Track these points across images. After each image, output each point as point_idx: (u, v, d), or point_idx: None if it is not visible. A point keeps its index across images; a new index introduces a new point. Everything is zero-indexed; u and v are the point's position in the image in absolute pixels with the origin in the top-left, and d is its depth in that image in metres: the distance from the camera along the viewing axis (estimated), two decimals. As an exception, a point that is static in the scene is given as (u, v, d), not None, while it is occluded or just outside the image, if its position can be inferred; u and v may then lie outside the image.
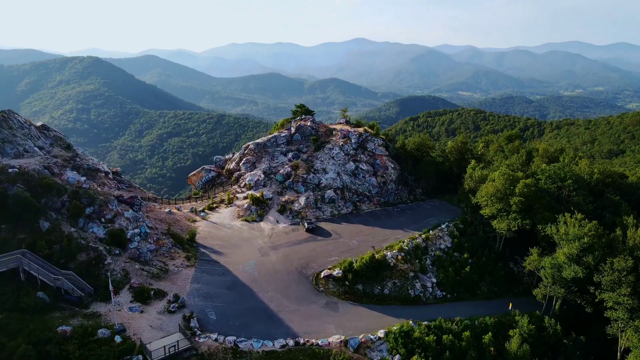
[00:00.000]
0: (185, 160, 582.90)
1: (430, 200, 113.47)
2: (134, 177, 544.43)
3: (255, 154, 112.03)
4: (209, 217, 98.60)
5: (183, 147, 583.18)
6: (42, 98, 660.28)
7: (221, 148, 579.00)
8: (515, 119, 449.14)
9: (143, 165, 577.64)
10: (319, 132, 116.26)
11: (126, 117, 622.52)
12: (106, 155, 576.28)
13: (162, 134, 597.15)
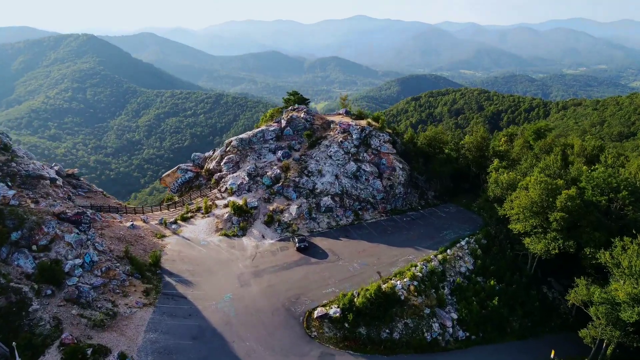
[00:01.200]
0: (184, 141, 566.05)
1: (444, 206, 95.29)
2: (132, 157, 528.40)
3: (238, 152, 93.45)
4: (181, 230, 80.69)
5: (181, 128, 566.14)
6: (37, 77, 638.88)
7: (219, 128, 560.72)
8: (520, 99, 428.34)
9: (140, 146, 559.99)
10: (314, 125, 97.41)
11: (122, 96, 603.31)
12: (103, 135, 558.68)
13: (159, 114, 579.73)
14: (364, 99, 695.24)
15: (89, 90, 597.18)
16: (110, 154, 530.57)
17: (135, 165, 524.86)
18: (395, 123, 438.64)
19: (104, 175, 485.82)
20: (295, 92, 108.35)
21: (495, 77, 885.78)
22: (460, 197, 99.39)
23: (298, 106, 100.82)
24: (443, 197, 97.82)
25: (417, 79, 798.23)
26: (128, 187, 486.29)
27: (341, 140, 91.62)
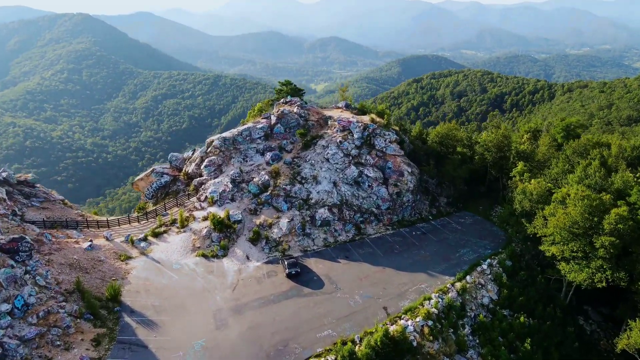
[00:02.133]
0: (182, 123, 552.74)
1: (458, 215, 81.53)
2: (129, 140, 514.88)
3: (221, 153, 79.30)
4: (151, 250, 67.21)
5: (179, 110, 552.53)
6: (32, 57, 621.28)
7: (218, 110, 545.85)
8: (524, 81, 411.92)
9: (138, 128, 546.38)
10: (309, 121, 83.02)
11: (119, 77, 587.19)
12: (99, 117, 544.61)
13: (156, 96, 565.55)
14: (364, 80, 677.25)
15: (84, 72, 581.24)
16: (107, 137, 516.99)
17: (132, 148, 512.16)
18: (396, 106, 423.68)
19: (101, 158, 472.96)
20: (289, 81, 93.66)
21: (497, 58, 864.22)
22: (476, 203, 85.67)
23: (291, 98, 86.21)
24: (457, 204, 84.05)
25: (418, 59, 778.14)
26: (125, 170, 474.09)
27: (340, 140, 77.42)
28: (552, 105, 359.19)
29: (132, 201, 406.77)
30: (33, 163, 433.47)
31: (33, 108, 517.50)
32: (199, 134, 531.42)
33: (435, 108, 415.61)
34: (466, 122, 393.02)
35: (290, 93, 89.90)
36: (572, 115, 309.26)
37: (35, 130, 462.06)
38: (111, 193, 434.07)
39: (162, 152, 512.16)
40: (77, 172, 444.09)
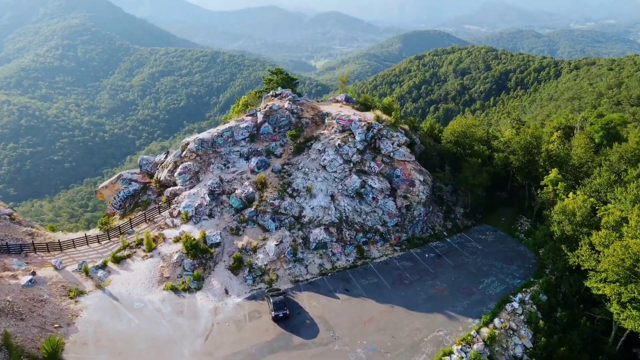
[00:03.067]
0: (179, 101, 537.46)
1: (478, 230, 68.22)
2: (126, 119, 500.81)
3: (198, 158, 65.69)
4: (109, 281, 54.48)
5: (176, 87, 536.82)
6: (26, 33, 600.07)
7: (216, 88, 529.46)
8: (530, 58, 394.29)
9: (135, 106, 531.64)
10: (302, 119, 69.06)
11: (115, 54, 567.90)
12: (95, 95, 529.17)
13: (153, 73, 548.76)
14: (364, 57, 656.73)
15: (79, 48, 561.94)
16: (104, 115, 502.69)
17: (130, 126, 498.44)
18: (397, 84, 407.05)
19: (97, 137, 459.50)
20: (280, 69, 79.23)
21: (500, 33, 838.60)
22: (497, 213, 72.40)
23: (282, 91, 71.96)
24: (475, 215, 70.76)
25: (420, 35, 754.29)
26: (122, 149, 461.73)
27: (339, 144, 63.62)
28: (558, 84, 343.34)
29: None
30: (29, 142, 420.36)
31: (28, 86, 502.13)
32: (197, 112, 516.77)
33: (438, 86, 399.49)
34: (469, 101, 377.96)
35: (282, 84, 75.64)
36: (580, 94, 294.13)
37: (30, 108, 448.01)
38: (108, 173, 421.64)
39: (160, 131, 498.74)
40: (74, 151, 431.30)
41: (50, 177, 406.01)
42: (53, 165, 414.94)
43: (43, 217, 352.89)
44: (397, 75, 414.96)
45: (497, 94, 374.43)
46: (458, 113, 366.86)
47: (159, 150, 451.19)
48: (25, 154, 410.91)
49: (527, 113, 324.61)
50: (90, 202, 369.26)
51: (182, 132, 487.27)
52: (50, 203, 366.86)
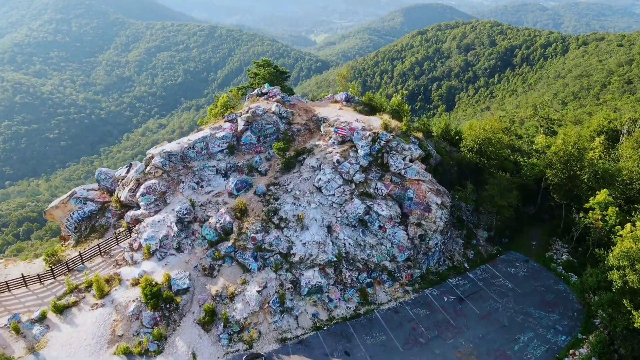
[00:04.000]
0: (176, 78, 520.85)
1: (505, 259, 55.32)
2: (123, 95, 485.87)
3: (165, 175, 52.50)
4: (46, 342, 42.20)
5: (173, 63, 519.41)
6: (19, 7, 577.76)
7: (214, 64, 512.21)
8: (536, 33, 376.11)
9: (131, 83, 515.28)
10: (293, 126, 55.38)
11: (110, 28, 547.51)
12: (91, 71, 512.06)
13: (149, 48, 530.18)
14: (365, 32, 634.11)
15: (73, 22, 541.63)
16: (100, 92, 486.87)
17: (126, 103, 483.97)
18: (399, 60, 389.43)
19: (94, 114, 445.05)
20: (267, 61, 64.72)
21: (504, 6, 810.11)
22: (527, 235, 59.49)
23: (269, 89, 57.96)
24: (501, 239, 57.96)
25: (422, 8, 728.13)
26: (120, 126, 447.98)
27: (339, 159, 50.25)
28: (565, 60, 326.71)
29: (127, 160, 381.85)
30: (24, 120, 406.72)
31: (21, 61, 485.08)
32: (194, 89, 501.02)
33: (441, 63, 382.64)
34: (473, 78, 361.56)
35: (269, 79, 61.64)
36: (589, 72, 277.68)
37: (25, 85, 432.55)
38: (105, 151, 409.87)
39: (157, 108, 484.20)
40: (70, 129, 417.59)
41: (47, 156, 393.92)
42: (49, 144, 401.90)
43: (39, 197, 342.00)
44: (399, 51, 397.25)
45: (501, 70, 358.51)
46: (461, 91, 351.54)
47: (157, 128, 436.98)
48: (20, 132, 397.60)
49: (534, 91, 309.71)
50: (86, 182, 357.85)
51: (179, 109, 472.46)
52: (47, 182, 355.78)
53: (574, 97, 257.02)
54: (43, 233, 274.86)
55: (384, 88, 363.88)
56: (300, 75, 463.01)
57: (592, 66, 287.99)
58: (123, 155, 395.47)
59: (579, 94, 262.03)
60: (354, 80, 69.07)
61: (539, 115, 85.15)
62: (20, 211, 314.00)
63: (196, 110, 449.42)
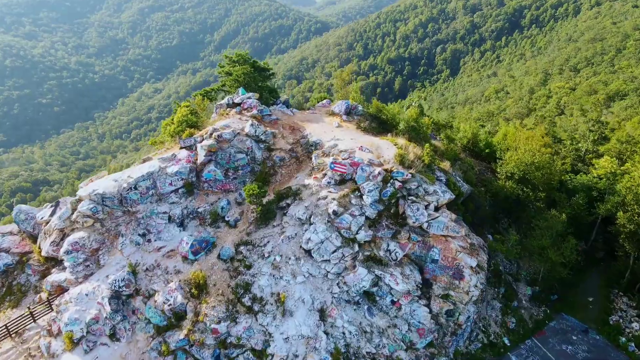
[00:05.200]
0: (172, 40, 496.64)
1: (557, 329, 40.70)
2: (116, 58, 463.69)
3: (99, 225, 37.38)
4: None
5: (168, 24, 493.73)
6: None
7: (210, 25, 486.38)
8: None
9: (125, 45, 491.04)
10: (273, 153, 39.18)
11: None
12: (83, 33, 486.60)
13: (143, 8, 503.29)
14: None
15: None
16: (93, 55, 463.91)
17: (120, 67, 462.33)
18: (402, 22, 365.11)
19: (87, 79, 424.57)
20: (242, 55, 46.47)
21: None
22: (580, 286, 45.09)
23: (243, 98, 41.32)
24: (548, 295, 43.39)
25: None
26: (114, 91, 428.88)
27: (336, 209, 34.44)
28: (577, 22, 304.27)
29: (123, 127, 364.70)
30: (15, 84, 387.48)
31: (10, 23, 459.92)
32: (191, 51, 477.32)
33: (446, 24, 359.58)
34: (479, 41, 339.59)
35: (245, 80, 44.90)
36: (603, 35, 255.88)
37: (15, 47, 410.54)
38: (100, 117, 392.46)
39: (152, 72, 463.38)
40: (63, 94, 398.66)
41: (40, 122, 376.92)
42: (42, 109, 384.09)
43: (32, 165, 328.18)
44: (402, 12, 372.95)
45: (509, 33, 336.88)
46: (467, 54, 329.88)
47: (153, 92, 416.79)
48: (12, 97, 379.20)
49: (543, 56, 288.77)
50: (82, 149, 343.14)
51: (175, 73, 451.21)
52: (42, 149, 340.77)
53: (587, 62, 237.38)
54: (37, 204, 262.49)
55: (386, 52, 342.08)
56: (300, 37, 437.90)
57: (605, 29, 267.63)
58: (119, 121, 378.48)
59: (592, 59, 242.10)
60: (355, 79, 51.21)
61: (588, 117, 68.59)
62: (13, 181, 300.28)
63: (192, 74, 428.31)
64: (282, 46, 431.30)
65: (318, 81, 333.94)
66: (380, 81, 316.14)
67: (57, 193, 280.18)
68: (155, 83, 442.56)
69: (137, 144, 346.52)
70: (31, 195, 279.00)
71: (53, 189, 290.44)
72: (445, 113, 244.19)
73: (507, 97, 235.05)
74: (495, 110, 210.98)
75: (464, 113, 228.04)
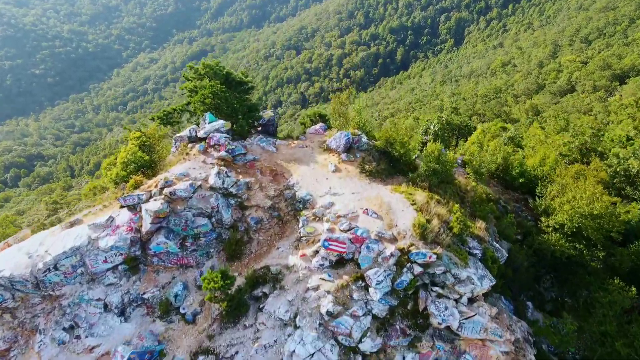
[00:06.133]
0: (167, 7, 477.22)
1: None
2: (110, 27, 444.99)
3: (8, 317, 27.14)
4: None
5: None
6: None
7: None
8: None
9: (119, 12, 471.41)
10: (247, 212, 28.24)
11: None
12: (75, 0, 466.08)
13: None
14: None
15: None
16: (86, 23, 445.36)
17: (115, 35, 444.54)
18: None
19: (80, 48, 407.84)
20: (212, 66, 33.90)
21: None
22: None
23: (211, 129, 29.74)
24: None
25: None
26: (109, 61, 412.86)
27: (331, 309, 23.59)
28: None
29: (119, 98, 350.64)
30: (7, 54, 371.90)
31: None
32: (187, 19, 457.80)
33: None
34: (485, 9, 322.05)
35: (214, 102, 32.76)
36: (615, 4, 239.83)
37: (5, 15, 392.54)
38: (95, 88, 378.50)
39: (148, 41, 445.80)
40: (56, 64, 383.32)
41: (34, 93, 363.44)
42: (35, 80, 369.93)
43: (26, 139, 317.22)
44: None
45: (517, 0, 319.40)
46: (472, 23, 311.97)
47: (148, 63, 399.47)
48: (4, 67, 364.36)
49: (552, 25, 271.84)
50: (77, 122, 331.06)
51: (171, 42, 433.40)
52: (36, 122, 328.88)
53: (599, 33, 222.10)
54: (31, 180, 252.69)
55: (388, 20, 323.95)
56: (299, 4, 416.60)
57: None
58: (114, 93, 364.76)
59: (604, 29, 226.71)
60: (356, 94, 38.31)
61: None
62: (7, 156, 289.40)
63: (189, 44, 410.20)
64: (281, 14, 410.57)
65: (318, 51, 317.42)
66: (382, 51, 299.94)
67: (52, 168, 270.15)
68: (151, 53, 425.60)
69: (134, 116, 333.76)
70: (25, 171, 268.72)
71: (47, 164, 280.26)
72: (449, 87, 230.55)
73: (514, 71, 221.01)
74: (503, 85, 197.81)
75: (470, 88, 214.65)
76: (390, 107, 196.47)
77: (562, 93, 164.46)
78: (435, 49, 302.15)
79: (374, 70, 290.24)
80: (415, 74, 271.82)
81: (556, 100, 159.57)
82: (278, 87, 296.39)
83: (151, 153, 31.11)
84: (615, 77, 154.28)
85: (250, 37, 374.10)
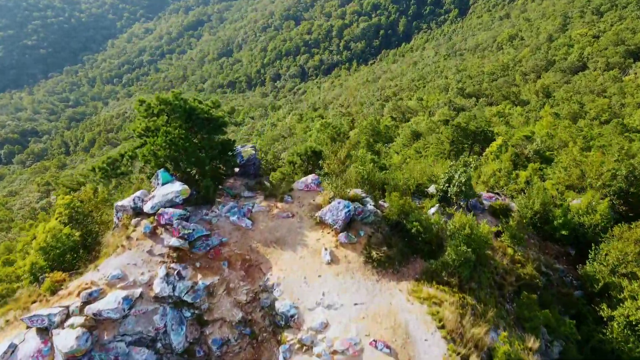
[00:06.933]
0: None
1: None
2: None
3: None
4: None
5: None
6: None
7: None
8: None
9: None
10: (210, 331, 19.80)
11: None
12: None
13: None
14: None
15: None
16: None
17: (108, 4, 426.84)
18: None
19: (73, 17, 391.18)
20: (168, 100, 25.91)
21: None
22: None
23: (163, 203, 21.47)
24: None
25: None
26: (103, 31, 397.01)
27: None
28: None
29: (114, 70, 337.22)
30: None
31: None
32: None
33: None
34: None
35: (169, 152, 24.04)
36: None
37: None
38: (90, 60, 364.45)
39: (143, 10, 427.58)
40: (49, 35, 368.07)
41: (27, 65, 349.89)
42: (28, 51, 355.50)
43: (20, 114, 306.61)
44: None
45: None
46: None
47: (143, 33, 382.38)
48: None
49: None
50: (71, 95, 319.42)
51: (167, 11, 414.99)
52: (30, 95, 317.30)
53: (611, 4, 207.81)
54: (25, 157, 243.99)
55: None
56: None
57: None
58: (109, 65, 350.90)
59: (616, 1, 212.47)
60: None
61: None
62: (0, 131, 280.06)
63: (185, 13, 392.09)
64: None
65: (317, 22, 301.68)
66: (383, 22, 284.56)
67: (46, 145, 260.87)
68: (146, 23, 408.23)
69: (129, 89, 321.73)
70: (19, 147, 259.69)
71: (42, 140, 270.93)
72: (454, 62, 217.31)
73: (522, 46, 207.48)
74: (510, 61, 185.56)
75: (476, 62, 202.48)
76: (392, 85, 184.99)
77: (573, 71, 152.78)
78: (439, 19, 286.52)
79: (375, 42, 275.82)
80: (418, 47, 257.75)
81: (567, 78, 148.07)
82: (277, 59, 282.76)
83: (85, 224, 22.46)
84: (629, 53, 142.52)
85: (248, 7, 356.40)
